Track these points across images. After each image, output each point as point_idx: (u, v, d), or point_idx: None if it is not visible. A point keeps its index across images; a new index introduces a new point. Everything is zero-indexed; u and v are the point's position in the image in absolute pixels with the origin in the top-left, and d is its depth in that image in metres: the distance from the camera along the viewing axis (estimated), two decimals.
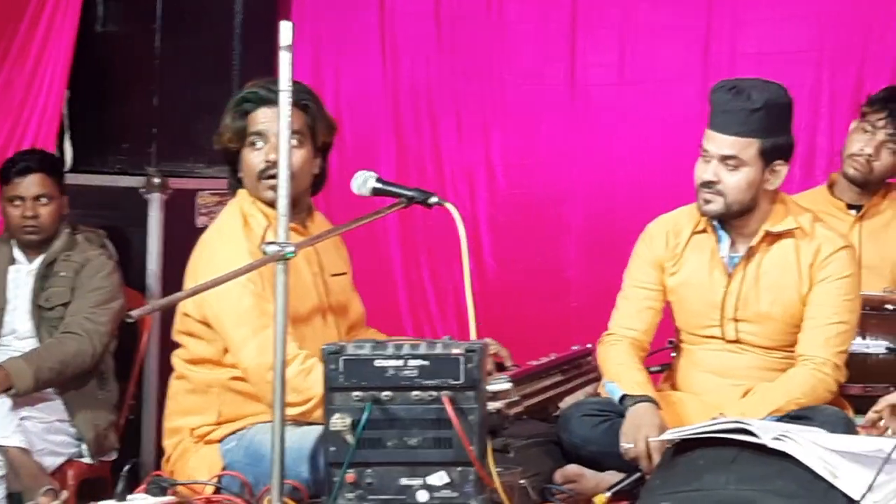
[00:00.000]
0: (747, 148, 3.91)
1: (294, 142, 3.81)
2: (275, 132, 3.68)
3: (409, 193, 3.75)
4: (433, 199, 3.73)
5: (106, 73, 5.55)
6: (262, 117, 3.86)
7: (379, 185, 3.78)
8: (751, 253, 4.00)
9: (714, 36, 5.80)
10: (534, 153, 6.06)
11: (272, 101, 3.68)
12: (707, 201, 3.97)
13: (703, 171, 3.96)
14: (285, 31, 3.05)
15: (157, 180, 5.34)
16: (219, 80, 5.51)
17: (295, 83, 3.78)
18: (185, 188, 5.45)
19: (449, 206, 3.69)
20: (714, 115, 3.97)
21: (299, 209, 3.92)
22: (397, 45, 6.15)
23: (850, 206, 4.92)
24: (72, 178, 5.26)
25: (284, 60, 3.07)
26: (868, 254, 4.82)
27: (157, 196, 5.35)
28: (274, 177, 3.64)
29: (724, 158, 3.92)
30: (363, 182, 3.79)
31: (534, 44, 6.05)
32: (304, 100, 3.90)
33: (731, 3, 5.77)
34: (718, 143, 3.93)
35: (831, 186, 5.00)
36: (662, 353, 4.45)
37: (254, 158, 3.87)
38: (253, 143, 3.87)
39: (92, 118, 5.52)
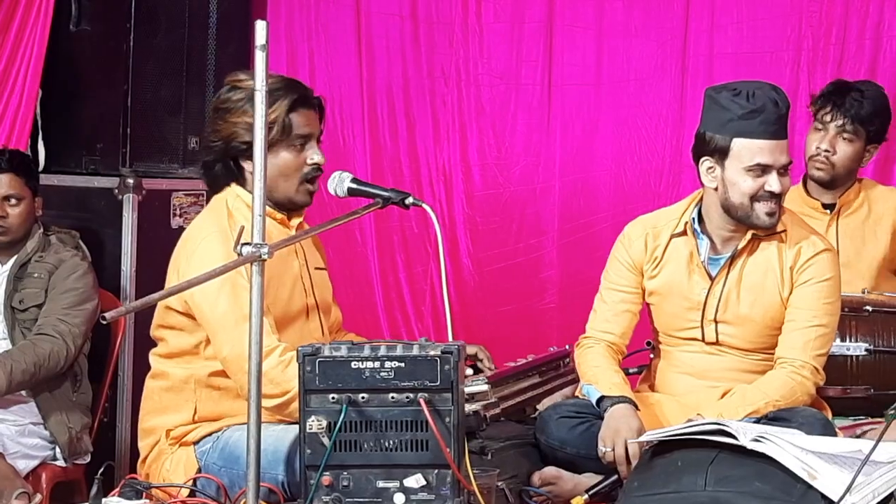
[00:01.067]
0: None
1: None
2: (317, 135, 3.87)
3: (385, 194, 3.74)
4: (409, 200, 3.72)
5: (79, 72, 5.51)
6: (309, 119, 3.87)
7: (354, 186, 3.77)
8: (737, 255, 3.98)
9: (691, 36, 5.81)
10: (510, 153, 6.06)
11: (316, 105, 3.88)
12: (772, 213, 3.92)
13: (765, 183, 3.89)
14: (260, 30, 3.03)
15: (130, 181, 5.31)
16: (193, 80, 5.49)
17: (305, 86, 3.85)
18: (160, 189, 5.42)
19: (425, 206, 3.68)
20: (765, 124, 3.88)
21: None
22: (373, 45, 6.15)
23: (824, 206, 4.93)
24: (45, 179, 5.22)
25: (259, 60, 3.04)
26: (845, 251, 4.84)
27: (131, 197, 5.32)
28: (315, 180, 3.86)
29: (785, 165, 3.92)
30: (339, 182, 3.78)
31: (510, 44, 6.05)
32: (321, 103, 3.93)
33: (708, 2, 5.78)
34: (781, 150, 3.90)
35: (805, 186, 5.01)
36: (641, 355, 4.44)
37: (295, 159, 3.84)
38: (294, 145, 3.83)
39: (65, 118, 5.49)
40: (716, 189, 3.95)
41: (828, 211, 4.93)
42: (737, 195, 3.91)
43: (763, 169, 3.88)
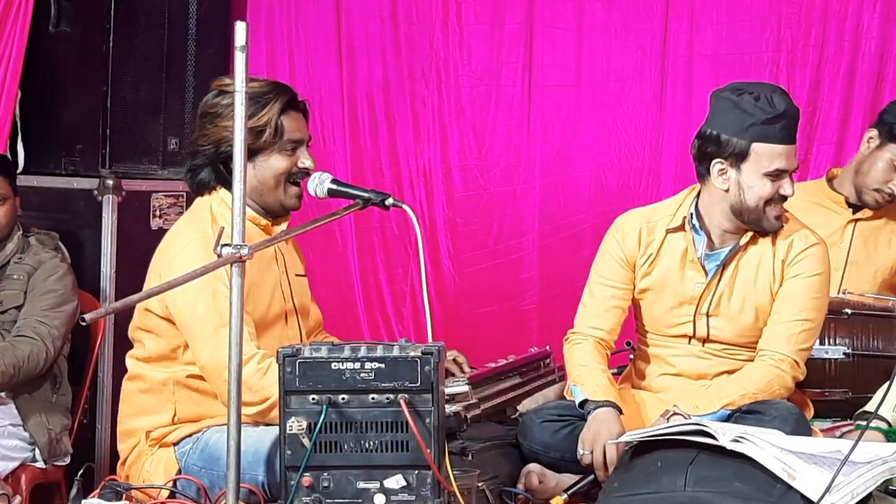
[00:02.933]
0: None
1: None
2: (307, 141, 3.88)
3: (365, 195, 3.74)
4: (389, 201, 3.72)
5: (59, 73, 5.49)
6: (299, 123, 3.87)
7: (334, 187, 3.77)
8: (740, 250, 4.00)
9: (671, 37, 5.83)
10: (491, 154, 6.07)
11: (303, 109, 3.88)
12: (779, 217, 3.97)
13: (780, 187, 3.92)
14: (240, 31, 3.03)
15: (110, 182, 5.29)
16: (173, 82, 5.48)
17: (293, 89, 3.85)
18: (139, 190, 5.41)
19: (405, 207, 3.68)
20: (784, 129, 3.90)
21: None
22: (353, 46, 6.14)
23: (848, 203, 4.92)
24: (24, 180, 5.20)
25: (239, 61, 3.04)
26: (856, 251, 4.86)
27: (111, 198, 5.30)
28: (300, 182, 3.84)
29: (796, 169, 3.96)
30: (318, 183, 3.77)
31: (490, 45, 6.05)
32: (306, 108, 3.94)
33: (688, 3, 5.79)
34: (792, 154, 3.94)
35: (830, 180, 5.00)
36: (620, 355, 4.45)
37: (287, 164, 3.84)
38: (286, 149, 3.83)
39: (44, 119, 5.47)
40: (726, 191, 3.95)
41: (850, 209, 4.92)
42: (752, 199, 3.92)
43: (780, 174, 3.90)
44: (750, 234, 3.99)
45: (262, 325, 3.79)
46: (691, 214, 4.03)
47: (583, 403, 3.91)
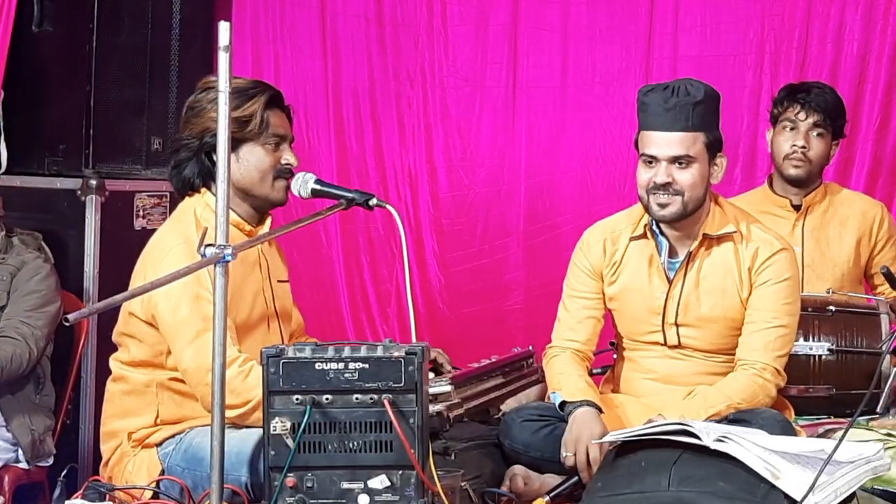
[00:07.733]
0: (695, 143, 3.88)
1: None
2: (290, 139, 3.88)
3: (349, 195, 3.73)
4: (373, 201, 3.71)
5: (42, 73, 5.47)
6: (283, 121, 3.88)
7: (318, 187, 3.76)
8: (691, 257, 3.98)
9: (655, 38, 5.84)
10: (476, 155, 6.07)
11: (287, 110, 3.89)
12: (663, 205, 3.89)
13: (654, 174, 3.87)
14: (224, 31, 3.02)
15: (93, 182, 5.28)
16: (157, 81, 5.47)
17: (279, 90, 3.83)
18: (123, 190, 5.39)
19: (389, 207, 3.67)
20: (653, 116, 3.88)
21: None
22: (338, 46, 6.14)
23: (792, 205, 4.97)
24: (6, 180, 5.19)
25: (223, 61, 3.03)
26: (810, 252, 4.88)
27: (94, 198, 5.29)
28: (287, 178, 3.84)
29: (674, 159, 3.87)
30: (302, 183, 3.77)
31: (475, 46, 6.06)
32: (290, 112, 3.95)
33: (672, 5, 5.81)
34: (666, 143, 3.86)
35: (772, 185, 5.04)
36: (604, 356, 4.45)
37: (270, 157, 3.83)
38: (269, 143, 3.83)
39: (27, 119, 5.45)
40: None
41: (795, 210, 4.97)
42: (639, 188, 3.94)
43: (651, 160, 3.89)
44: (700, 236, 3.97)
45: (244, 330, 3.78)
46: (652, 221, 4.02)
47: (562, 406, 3.91)
